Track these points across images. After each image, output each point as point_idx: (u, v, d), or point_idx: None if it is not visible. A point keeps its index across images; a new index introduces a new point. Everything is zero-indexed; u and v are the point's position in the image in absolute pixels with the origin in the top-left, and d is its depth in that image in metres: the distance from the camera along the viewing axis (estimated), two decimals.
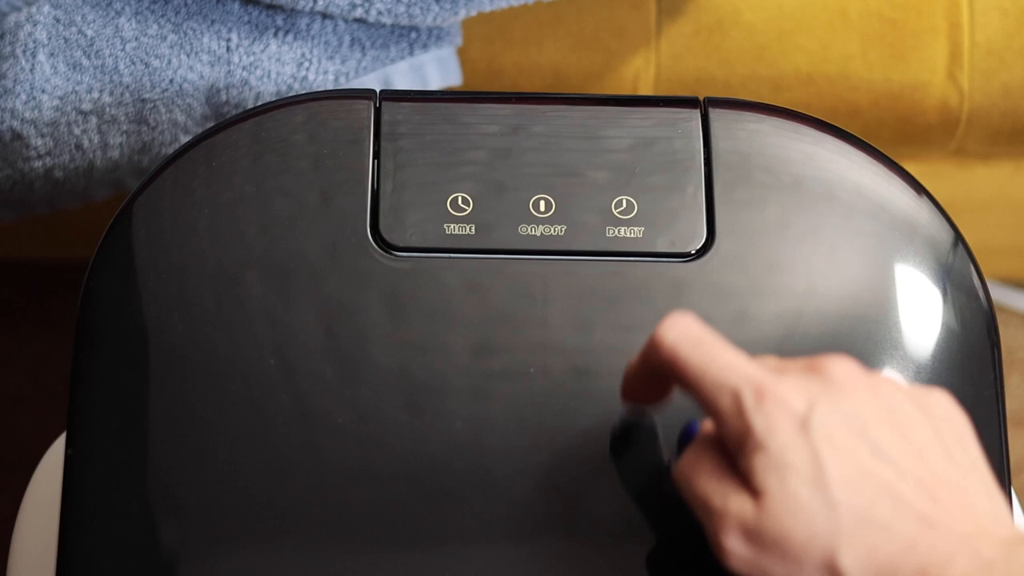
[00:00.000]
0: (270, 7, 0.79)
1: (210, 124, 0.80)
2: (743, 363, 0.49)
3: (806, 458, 0.46)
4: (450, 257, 0.58)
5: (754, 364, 0.49)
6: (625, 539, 0.55)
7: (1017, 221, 1.11)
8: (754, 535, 0.46)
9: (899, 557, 0.46)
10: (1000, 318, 0.59)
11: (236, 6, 0.79)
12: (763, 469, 0.46)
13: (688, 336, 0.50)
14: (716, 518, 0.48)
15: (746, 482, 0.47)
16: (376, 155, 0.59)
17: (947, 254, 0.59)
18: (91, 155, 0.81)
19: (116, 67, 0.78)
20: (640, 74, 0.88)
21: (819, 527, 0.46)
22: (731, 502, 0.47)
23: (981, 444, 0.50)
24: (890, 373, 0.57)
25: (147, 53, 0.78)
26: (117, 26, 0.78)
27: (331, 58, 0.80)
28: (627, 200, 0.59)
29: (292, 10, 0.79)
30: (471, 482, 0.55)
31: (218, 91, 0.79)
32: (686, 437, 0.54)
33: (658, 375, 0.51)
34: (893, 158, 0.61)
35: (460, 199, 0.59)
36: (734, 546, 0.47)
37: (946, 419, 0.49)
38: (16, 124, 0.78)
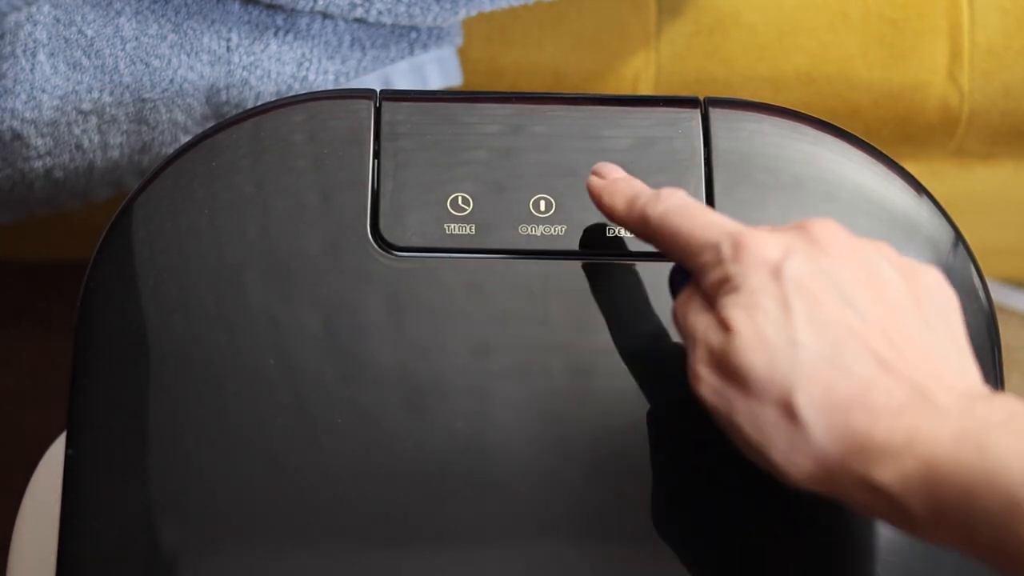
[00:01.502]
0: (270, 7, 0.79)
1: (210, 124, 0.80)
2: (725, 220, 0.51)
3: (775, 301, 0.48)
4: (450, 257, 0.58)
5: (735, 223, 0.51)
6: (625, 538, 0.55)
7: (1017, 221, 1.11)
8: (721, 364, 0.49)
9: (853, 399, 0.47)
10: (1000, 318, 0.59)
11: (236, 6, 0.79)
12: (734, 307, 0.49)
13: (674, 206, 0.52)
14: (693, 345, 0.50)
15: (721, 319, 0.49)
16: (376, 155, 0.59)
17: (947, 254, 0.59)
18: (91, 155, 0.81)
19: (116, 67, 0.78)
20: (640, 74, 0.88)
21: (779, 364, 0.47)
22: (708, 332, 0.49)
23: None
24: None
25: (147, 53, 0.78)
26: (117, 26, 0.78)
27: (331, 58, 0.80)
28: None
29: (292, 10, 0.79)
30: (471, 481, 0.55)
31: (218, 91, 0.79)
32: (676, 278, 0.56)
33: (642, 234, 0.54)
34: (893, 158, 0.61)
35: (460, 199, 0.59)
36: (704, 372, 0.49)
37: (929, 288, 0.50)
38: (16, 124, 0.78)
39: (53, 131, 0.79)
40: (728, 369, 0.48)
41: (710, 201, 0.59)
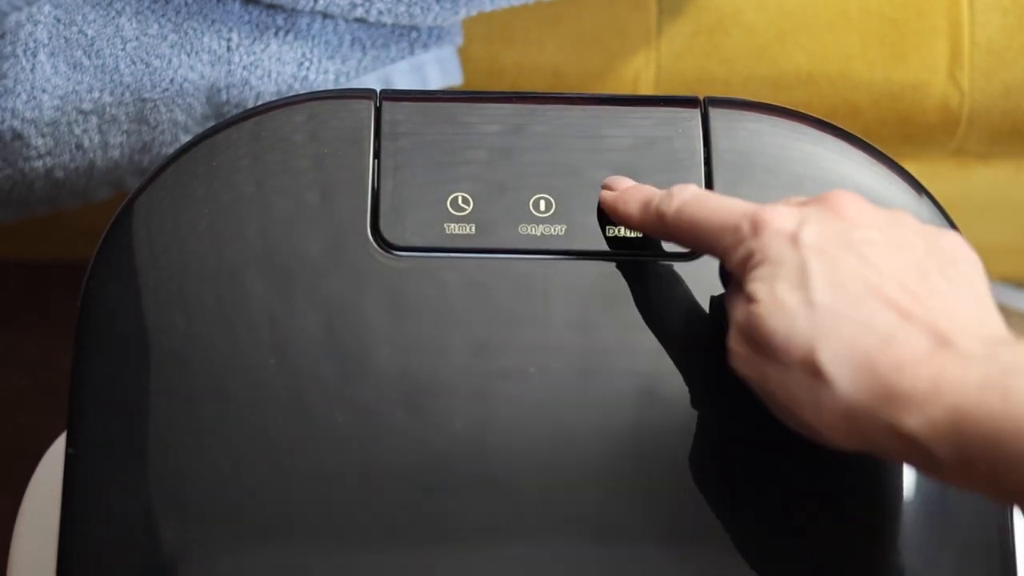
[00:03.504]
0: (270, 7, 0.79)
1: (211, 124, 0.80)
2: (740, 202, 0.53)
3: (792, 267, 0.49)
4: (450, 257, 0.58)
5: (751, 203, 0.53)
6: (625, 538, 0.55)
7: (1017, 221, 1.11)
8: (748, 336, 0.50)
9: (876, 351, 0.47)
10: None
11: (236, 6, 0.79)
12: (756, 280, 0.50)
13: (689, 199, 0.54)
14: (730, 327, 0.52)
15: (746, 294, 0.51)
16: (376, 155, 0.59)
17: None
18: (91, 155, 0.81)
19: (117, 67, 0.78)
20: (640, 73, 0.88)
21: (798, 326, 0.48)
22: (736, 309, 0.51)
23: None
24: None
25: (148, 53, 0.78)
26: (118, 26, 0.78)
27: (331, 58, 0.80)
28: None
29: (292, 10, 0.79)
30: (471, 481, 0.55)
31: (219, 91, 0.79)
32: (726, 275, 0.57)
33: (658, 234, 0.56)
34: (893, 158, 0.61)
35: (460, 199, 0.59)
36: (736, 347, 0.51)
37: (949, 250, 0.51)
38: (17, 124, 0.78)
39: (53, 131, 0.79)
40: (754, 339, 0.50)
41: None
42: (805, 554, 0.55)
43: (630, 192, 0.57)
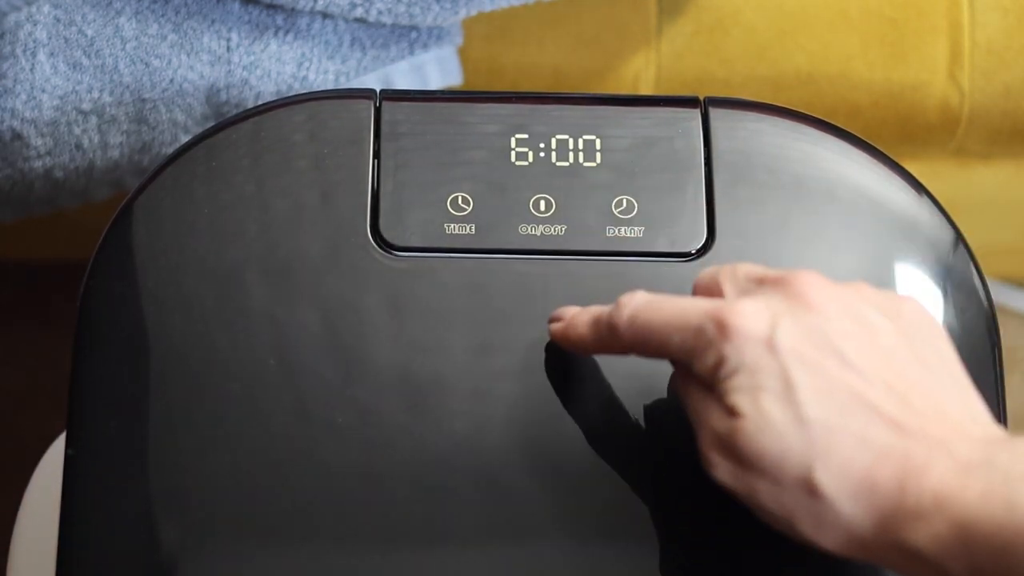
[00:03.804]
0: (270, 7, 0.79)
1: (210, 124, 0.80)
2: (696, 301, 0.50)
3: (775, 377, 0.47)
4: (450, 257, 0.58)
5: (709, 300, 0.50)
6: (624, 537, 0.55)
7: (1017, 221, 1.11)
8: (732, 450, 0.48)
9: (875, 467, 0.46)
10: (1000, 318, 0.59)
11: (236, 6, 0.79)
12: (737, 392, 0.48)
13: (640, 305, 0.51)
14: (699, 428, 0.49)
15: (726, 405, 0.48)
16: (376, 155, 0.59)
17: (948, 254, 0.59)
18: (91, 155, 0.81)
19: (116, 67, 0.78)
20: (640, 73, 0.88)
21: (792, 445, 0.47)
22: (712, 418, 0.49)
23: None
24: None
25: (147, 53, 0.78)
26: (117, 26, 0.78)
27: (331, 58, 0.80)
28: (627, 200, 0.59)
29: (292, 10, 0.79)
30: (471, 481, 0.55)
31: (218, 91, 0.79)
32: None
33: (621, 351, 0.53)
34: (893, 158, 0.61)
35: (460, 199, 0.59)
36: (716, 459, 0.48)
37: (914, 323, 0.50)
38: (16, 124, 0.78)
39: (53, 131, 0.79)
40: (740, 455, 0.48)
41: (710, 201, 0.59)
42: (803, 553, 0.55)
43: (577, 317, 0.54)
